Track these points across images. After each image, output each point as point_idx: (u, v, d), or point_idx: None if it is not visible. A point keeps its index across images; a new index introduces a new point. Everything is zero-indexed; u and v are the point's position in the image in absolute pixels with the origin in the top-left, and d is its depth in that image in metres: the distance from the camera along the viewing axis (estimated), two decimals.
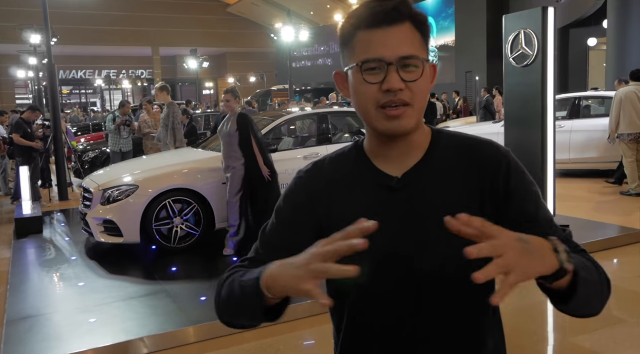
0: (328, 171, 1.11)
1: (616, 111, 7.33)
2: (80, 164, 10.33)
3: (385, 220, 0.95)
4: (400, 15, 0.98)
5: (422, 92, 1.00)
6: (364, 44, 0.99)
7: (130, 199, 5.34)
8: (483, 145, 1.07)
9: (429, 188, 1.02)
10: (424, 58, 1.00)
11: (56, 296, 4.66)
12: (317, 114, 6.65)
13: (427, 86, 1.02)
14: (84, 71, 40.19)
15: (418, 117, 1.02)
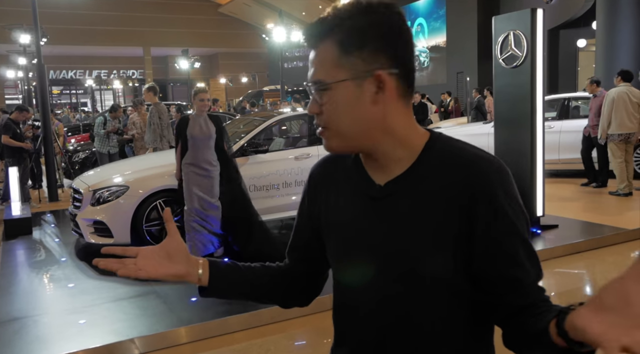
0: (330, 169, 1.14)
1: (608, 111, 7.37)
2: (70, 165, 10.27)
3: (365, 226, 1.02)
4: (314, 38, 0.98)
5: (331, 115, 0.97)
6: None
7: (121, 200, 5.32)
8: (480, 161, 0.97)
9: (407, 201, 0.99)
10: (327, 81, 0.96)
11: (45, 297, 4.64)
12: (308, 115, 6.65)
13: (339, 108, 0.96)
14: (74, 71, 39.94)
15: (340, 139, 0.99)
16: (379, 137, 0.99)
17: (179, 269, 1.06)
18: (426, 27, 25.06)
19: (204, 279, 1.09)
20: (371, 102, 0.96)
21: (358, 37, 0.94)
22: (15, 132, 8.26)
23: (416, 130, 1.02)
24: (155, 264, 1.05)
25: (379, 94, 0.95)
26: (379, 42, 0.94)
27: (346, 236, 1.06)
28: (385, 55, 0.95)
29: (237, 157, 5.81)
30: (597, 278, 4.92)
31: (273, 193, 5.92)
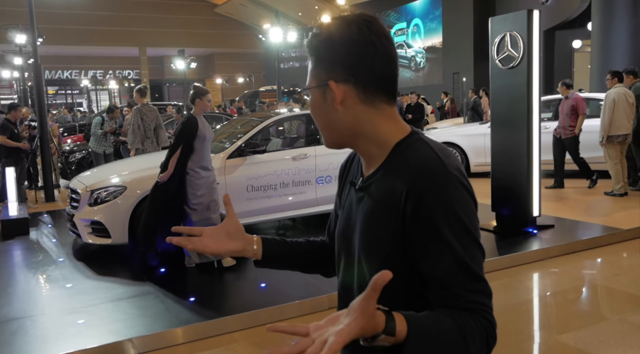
0: (350, 162, 1.30)
1: (609, 112, 7.38)
2: (66, 165, 10.25)
3: (348, 213, 1.19)
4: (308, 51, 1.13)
5: (314, 116, 1.14)
6: None
7: (118, 200, 5.33)
8: (418, 168, 1.04)
9: (372, 195, 1.11)
10: (306, 87, 1.13)
11: (43, 297, 4.64)
12: (306, 115, 6.67)
13: (314, 110, 1.13)
14: (69, 71, 39.83)
15: (325, 136, 1.15)
16: (352, 138, 1.12)
17: (237, 245, 1.23)
18: (422, 27, 25.11)
19: (258, 254, 1.27)
20: (333, 108, 1.09)
21: (321, 50, 1.10)
22: (13, 132, 8.24)
23: (392, 130, 1.10)
24: (218, 241, 1.21)
25: (336, 101, 1.08)
26: (334, 54, 1.08)
27: (340, 223, 1.23)
28: (340, 67, 1.07)
29: (235, 158, 5.83)
30: (593, 278, 4.96)
31: (270, 193, 5.93)
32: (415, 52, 25.59)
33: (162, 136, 7.50)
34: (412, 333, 0.91)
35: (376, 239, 1.08)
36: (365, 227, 1.11)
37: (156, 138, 7.46)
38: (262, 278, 4.63)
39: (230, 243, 1.23)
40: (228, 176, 5.72)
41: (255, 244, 1.27)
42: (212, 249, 1.20)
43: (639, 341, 3.53)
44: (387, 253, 1.07)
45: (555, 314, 4.19)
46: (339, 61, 1.07)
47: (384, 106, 1.10)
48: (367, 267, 1.11)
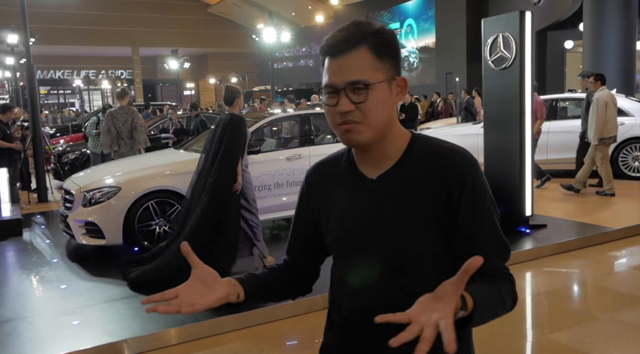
0: (325, 170, 1.31)
1: (602, 114, 7.41)
2: (59, 166, 10.21)
3: (360, 214, 1.20)
4: (349, 44, 1.12)
5: (371, 111, 1.13)
6: (326, 71, 1.16)
7: (112, 201, 5.32)
8: (451, 153, 1.17)
9: (396, 190, 1.16)
10: (368, 82, 1.11)
11: (37, 299, 4.63)
12: (300, 115, 6.69)
13: (377, 104, 1.13)
14: (62, 71, 39.65)
15: (372, 131, 1.14)
16: (388, 132, 1.17)
17: (222, 292, 1.15)
18: (415, 28, 25.18)
19: (241, 294, 1.21)
20: (394, 101, 1.17)
21: (387, 47, 1.15)
22: (5, 133, 8.21)
23: (402, 129, 1.22)
24: (199, 296, 1.12)
25: (398, 95, 1.17)
26: (396, 53, 1.17)
27: (345, 226, 1.22)
28: (399, 64, 1.18)
29: None
30: (585, 277, 5.00)
31: (265, 194, 5.95)
32: (409, 52, 25.65)
33: (138, 137, 7.53)
34: (476, 305, 1.01)
35: (413, 227, 1.14)
36: (396, 220, 1.15)
37: (132, 140, 7.48)
38: None
39: (213, 292, 1.14)
40: None
41: (235, 285, 1.21)
42: (201, 306, 1.11)
43: (630, 339, 3.57)
44: (427, 238, 1.14)
45: (548, 312, 4.23)
46: (398, 58, 1.17)
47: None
48: (396, 259, 1.15)
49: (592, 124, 7.46)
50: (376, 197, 1.18)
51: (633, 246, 5.59)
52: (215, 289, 1.14)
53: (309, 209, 1.31)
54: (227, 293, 1.16)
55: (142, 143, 7.54)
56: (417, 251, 1.15)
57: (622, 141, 8.59)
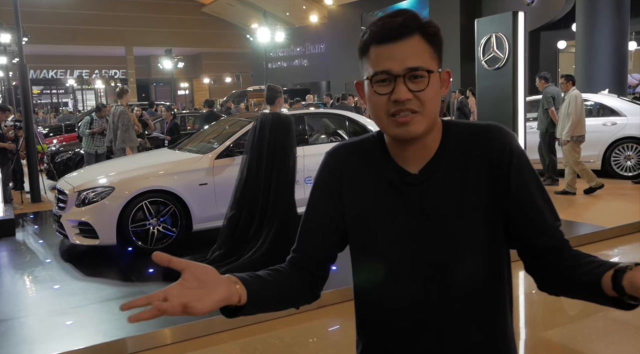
0: (351, 155, 1.20)
1: (579, 113, 7.51)
2: (53, 166, 10.17)
3: (400, 214, 1.13)
4: (407, 30, 1.06)
5: (430, 100, 1.07)
6: (375, 57, 1.08)
7: (106, 201, 5.31)
8: (489, 129, 1.14)
9: (442, 183, 1.11)
10: (429, 69, 1.07)
11: (30, 299, 4.61)
12: (294, 115, 6.69)
13: (435, 94, 1.09)
14: (55, 71, 39.46)
15: (428, 122, 1.08)
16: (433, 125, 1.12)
17: (222, 293, 0.99)
18: None
19: (243, 295, 1.04)
20: (441, 92, 1.13)
21: (437, 38, 1.11)
22: None
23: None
24: (195, 297, 0.96)
25: (442, 88, 1.13)
26: (442, 47, 1.13)
27: (381, 226, 1.14)
28: (439, 59, 1.13)
29: (223, 158, 5.84)
30: None
31: None
32: None
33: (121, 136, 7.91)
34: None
35: (466, 215, 1.10)
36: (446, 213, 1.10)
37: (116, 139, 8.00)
38: None
39: (212, 293, 0.97)
40: (216, 176, 5.73)
41: (236, 283, 1.03)
42: (197, 309, 0.95)
43: (622, 337, 3.60)
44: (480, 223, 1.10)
45: (541, 311, 4.26)
46: (442, 50, 1.13)
47: None
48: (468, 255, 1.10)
49: (567, 122, 7.51)
50: (420, 193, 1.11)
51: (625, 245, 5.63)
52: (214, 290, 0.97)
53: (331, 194, 1.20)
54: (227, 294, 0.99)
55: (125, 142, 7.89)
56: (468, 242, 1.10)
57: (615, 141, 8.66)
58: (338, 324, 3.93)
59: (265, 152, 4.80)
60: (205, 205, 5.66)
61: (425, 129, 1.09)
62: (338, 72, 28.63)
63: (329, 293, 4.23)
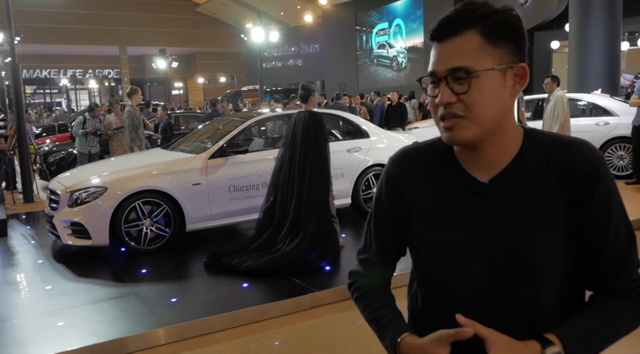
0: (416, 162, 1.13)
1: (565, 113, 7.61)
2: (45, 166, 10.12)
3: (466, 225, 1.04)
4: (456, 26, 0.99)
5: (476, 103, 0.97)
6: (432, 57, 1.05)
7: (99, 201, 5.28)
8: (578, 145, 1.02)
9: (516, 195, 1.01)
10: (472, 68, 0.97)
11: (22, 300, 4.58)
12: (288, 115, 6.68)
13: (486, 95, 0.97)
14: (48, 70, 39.26)
15: (477, 127, 0.99)
16: (502, 128, 1.01)
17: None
18: (404, 28, 25.27)
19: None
20: (510, 93, 1.00)
21: (505, 30, 0.99)
22: None
23: (516, 125, 1.05)
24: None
25: (515, 86, 1.01)
26: (517, 36, 1.00)
27: (450, 236, 1.06)
28: (521, 50, 1.01)
29: (217, 158, 5.82)
30: None
31: (253, 194, 5.94)
32: (397, 52, 25.73)
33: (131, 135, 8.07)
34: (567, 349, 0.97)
35: (536, 235, 1.00)
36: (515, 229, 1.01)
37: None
38: (244, 278, 4.63)
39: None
40: (210, 176, 5.71)
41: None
42: None
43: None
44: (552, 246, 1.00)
45: None
46: (521, 43, 1.01)
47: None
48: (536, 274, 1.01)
49: (554, 122, 7.56)
50: (490, 203, 1.02)
51: None
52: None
53: (395, 201, 1.14)
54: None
55: (133, 141, 7.95)
56: (538, 261, 1.01)
57: (607, 141, 8.70)
58: (332, 324, 3.93)
59: (299, 148, 5.03)
60: (198, 205, 5.64)
61: (475, 136, 0.99)
62: (332, 72, 28.63)
63: (322, 293, 4.23)
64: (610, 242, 1.01)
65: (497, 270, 1.03)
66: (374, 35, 26.88)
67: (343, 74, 27.26)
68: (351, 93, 16.37)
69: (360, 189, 6.56)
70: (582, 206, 1.00)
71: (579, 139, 1.04)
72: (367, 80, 27.29)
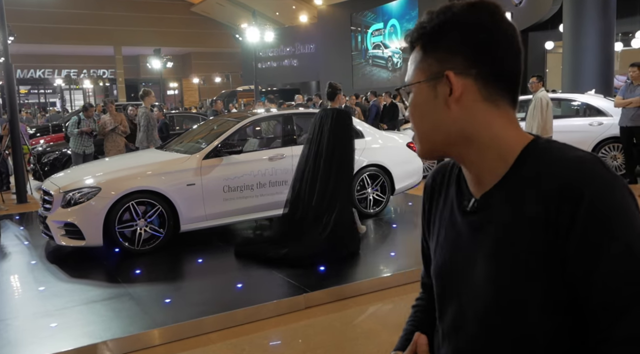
0: (438, 177, 1.07)
1: (550, 114, 7.63)
2: (39, 166, 10.07)
3: (454, 243, 0.95)
4: (410, 44, 0.95)
5: (414, 117, 0.93)
6: None
7: (92, 202, 5.26)
8: (575, 162, 0.82)
9: (496, 219, 0.87)
10: (407, 83, 0.94)
11: (15, 301, 4.55)
12: (282, 115, 6.68)
13: (416, 110, 0.92)
14: (42, 70, 39.09)
15: (423, 144, 0.93)
16: (461, 145, 0.90)
17: None
18: (399, 28, 25.30)
19: None
20: (445, 106, 0.89)
21: (435, 36, 0.89)
22: None
23: (515, 136, 0.89)
24: None
25: (452, 97, 0.88)
26: (454, 40, 0.88)
27: (443, 256, 0.98)
28: (461, 55, 0.88)
29: (211, 158, 5.81)
30: None
31: (247, 194, 5.93)
32: (392, 52, 25.76)
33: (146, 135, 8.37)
34: None
35: (514, 271, 0.83)
36: (493, 259, 0.86)
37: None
38: (238, 278, 4.63)
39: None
40: (204, 176, 5.70)
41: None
42: None
43: None
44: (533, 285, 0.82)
45: None
46: (460, 49, 0.87)
47: (507, 108, 0.90)
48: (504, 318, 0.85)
49: (533, 124, 7.56)
50: (475, 224, 0.90)
51: None
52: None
53: (423, 218, 1.10)
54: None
55: (147, 141, 8.28)
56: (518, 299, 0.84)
57: (601, 141, 8.74)
58: (326, 324, 3.93)
59: (326, 144, 5.22)
60: (193, 206, 5.63)
61: (425, 152, 0.93)
62: (328, 72, 28.63)
63: (316, 293, 4.23)
64: (600, 280, 0.77)
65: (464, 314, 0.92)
66: (369, 36, 26.91)
67: (338, 74, 27.22)
68: (346, 93, 16.38)
69: (355, 190, 6.56)
70: (560, 236, 0.79)
71: (587, 154, 0.83)
72: (362, 80, 27.32)
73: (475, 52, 0.87)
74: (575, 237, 0.78)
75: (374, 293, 4.40)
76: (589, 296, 0.79)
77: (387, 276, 4.64)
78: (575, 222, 0.78)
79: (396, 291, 4.44)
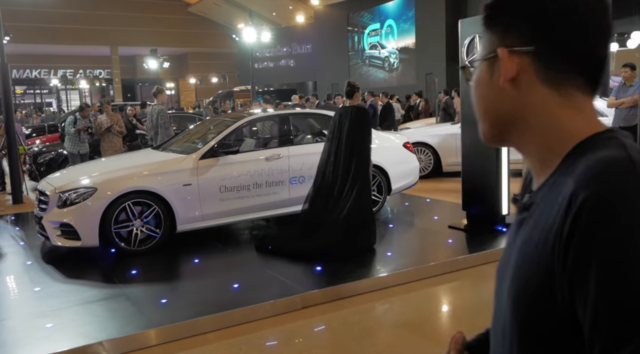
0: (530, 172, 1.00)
1: None
2: (35, 167, 10.04)
3: (507, 241, 0.87)
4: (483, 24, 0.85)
5: (474, 97, 0.85)
6: None
7: (88, 202, 5.25)
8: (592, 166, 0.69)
9: (534, 219, 0.77)
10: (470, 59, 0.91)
11: (10, 301, 4.54)
12: (279, 116, 6.68)
13: (477, 90, 0.85)
14: (38, 70, 38.98)
15: (482, 126, 0.85)
16: (515, 132, 0.82)
17: None
18: (396, 28, 25.33)
19: None
20: (500, 87, 0.80)
21: (495, 8, 0.81)
22: None
23: (578, 126, 0.77)
24: None
25: (505, 77, 0.79)
26: (511, 14, 0.79)
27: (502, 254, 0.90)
28: (517, 30, 0.78)
29: (207, 158, 5.80)
30: None
31: (244, 194, 5.92)
32: (389, 52, 25.78)
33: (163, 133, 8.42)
34: None
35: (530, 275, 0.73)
36: (518, 264, 0.76)
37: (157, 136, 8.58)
38: (234, 279, 4.63)
39: None
40: (201, 176, 5.69)
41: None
42: None
43: None
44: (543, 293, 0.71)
45: None
46: (516, 23, 0.78)
47: (575, 94, 0.77)
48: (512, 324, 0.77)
49: None
50: (519, 221, 0.82)
51: None
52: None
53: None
54: None
55: (167, 137, 8.22)
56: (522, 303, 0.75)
57: None
58: (323, 325, 3.93)
59: (345, 140, 5.36)
60: (189, 206, 5.62)
61: (485, 135, 0.85)
62: (325, 72, 28.64)
63: (313, 293, 4.23)
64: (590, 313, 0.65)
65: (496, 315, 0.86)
66: (366, 36, 26.92)
67: (335, 74, 27.22)
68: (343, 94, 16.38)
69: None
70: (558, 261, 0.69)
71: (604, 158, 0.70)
72: (359, 80, 27.18)
73: (533, 27, 0.76)
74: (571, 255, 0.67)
75: (371, 293, 4.41)
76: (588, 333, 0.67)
77: (384, 276, 4.64)
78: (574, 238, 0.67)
79: (392, 291, 4.44)
